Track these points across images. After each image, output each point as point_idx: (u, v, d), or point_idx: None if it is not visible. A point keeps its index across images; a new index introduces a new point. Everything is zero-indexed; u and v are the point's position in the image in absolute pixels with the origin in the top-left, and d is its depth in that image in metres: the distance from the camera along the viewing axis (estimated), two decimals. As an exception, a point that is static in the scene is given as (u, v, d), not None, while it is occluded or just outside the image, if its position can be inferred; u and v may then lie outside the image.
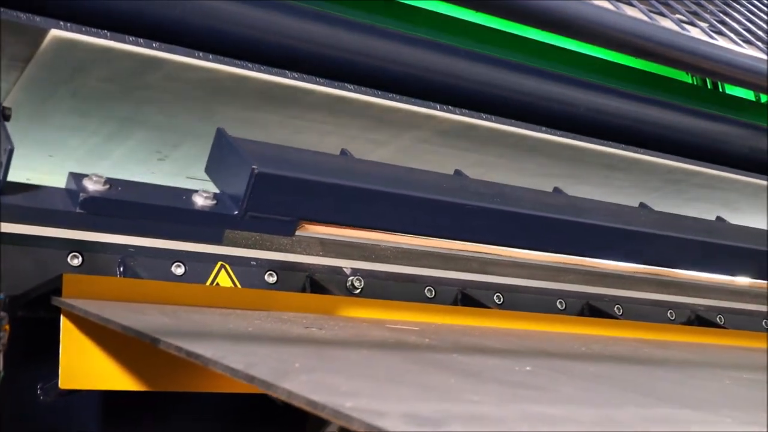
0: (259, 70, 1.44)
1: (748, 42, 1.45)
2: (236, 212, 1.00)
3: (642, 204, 1.44)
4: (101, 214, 0.97)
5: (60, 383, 1.19)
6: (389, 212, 1.07)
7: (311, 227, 1.07)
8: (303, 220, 1.06)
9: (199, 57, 1.38)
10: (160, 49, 1.35)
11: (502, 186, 1.29)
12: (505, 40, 1.82)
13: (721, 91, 2.63)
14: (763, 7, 1.70)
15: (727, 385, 1.22)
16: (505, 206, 1.14)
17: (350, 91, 1.53)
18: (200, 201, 1.01)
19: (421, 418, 0.64)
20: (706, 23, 1.49)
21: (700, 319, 2.34)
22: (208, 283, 1.63)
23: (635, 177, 2.03)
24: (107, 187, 0.97)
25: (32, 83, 1.43)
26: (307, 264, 1.76)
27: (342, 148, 1.27)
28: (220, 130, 1.09)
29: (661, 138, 1.46)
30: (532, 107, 1.33)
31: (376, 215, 1.07)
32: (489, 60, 1.31)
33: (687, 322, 2.33)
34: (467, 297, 1.94)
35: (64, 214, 0.96)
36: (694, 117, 1.50)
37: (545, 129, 1.72)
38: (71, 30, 1.28)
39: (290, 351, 1.01)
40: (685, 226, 1.37)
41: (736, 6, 1.65)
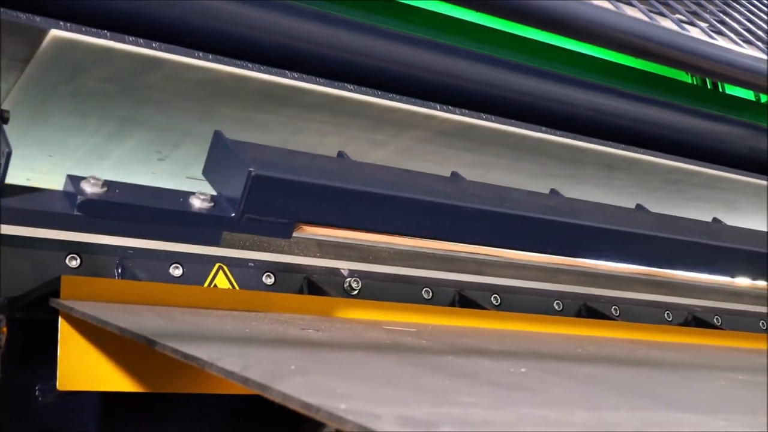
0: (259, 70, 1.45)
1: (748, 42, 1.45)
2: (233, 214, 1.00)
3: (638, 205, 1.44)
4: (99, 217, 0.97)
5: (58, 384, 1.19)
6: (386, 214, 1.07)
7: (308, 228, 1.07)
8: (300, 222, 1.06)
9: (199, 57, 1.38)
10: (160, 49, 1.35)
11: (499, 188, 1.29)
12: (505, 40, 1.82)
13: (721, 91, 2.63)
14: (763, 7, 1.70)
15: (724, 387, 1.22)
16: (501, 208, 1.15)
17: (350, 91, 1.54)
18: (197, 203, 1.02)
19: (415, 420, 0.64)
20: (706, 23, 1.49)
21: (697, 320, 2.34)
22: (206, 284, 1.63)
23: (635, 177, 2.03)
24: (105, 189, 0.97)
25: (32, 83, 1.43)
26: (305, 265, 1.77)
27: (339, 150, 1.27)
28: (218, 132, 1.09)
29: (661, 138, 1.46)
30: (532, 107, 1.33)
31: (372, 217, 1.07)
32: (489, 60, 1.31)
33: (684, 323, 2.33)
34: (464, 298, 1.94)
35: (62, 216, 0.96)
36: (694, 117, 1.50)
37: (545, 129, 1.72)
38: (71, 30, 1.28)
39: (286, 353, 1.01)
40: (681, 228, 1.37)
41: (736, 6, 1.65)
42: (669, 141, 1.47)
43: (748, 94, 2.35)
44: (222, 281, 1.66)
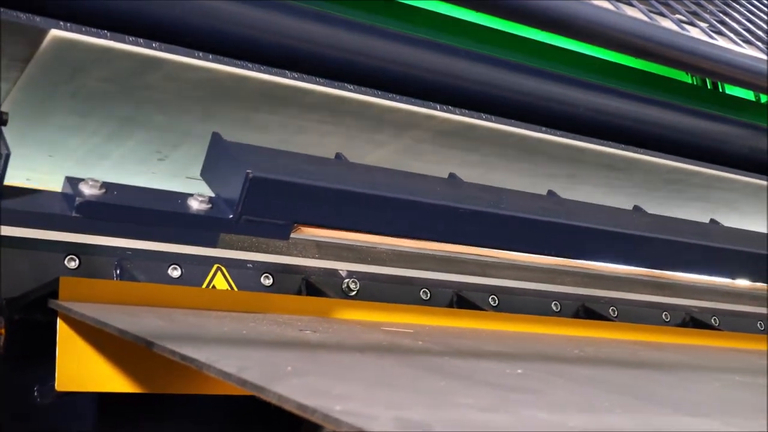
0: (259, 70, 1.45)
1: (748, 42, 1.45)
2: (231, 216, 1.00)
3: (636, 207, 1.44)
4: (97, 218, 0.97)
5: (57, 385, 1.20)
6: (383, 216, 1.07)
7: (307, 230, 1.07)
8: (298, 224, 1.06)
9: (199, 57, 1.38)
10: (160, 49, 1.35)
11: (496, 189, 1.29)
12: (505, 40, 1.82)
13: (721, 91, 2.63)
14: (763, 7, 1.70)
15: (723, 389, 1.22)
16: (498, 210, 1.15)
17: (350, 91, 1.54)
18: (195, 205, 1.02)
19: (410, 422, 0.64)
20: (706, 23, 1.49)
21: (694, 320, 2.34)
22: (205, 285, 1.63)
23: (635, 177, 2.03)
24: (103, 191, 0.97)
25: (32, 83, 1.43)
26: (303, 266, 1.77)
27: (340, 149, 1.27)
28: (216, 134, 1.10)
29: (661, 138, 1.46)
30: (532, 107, 1.33)
31: (370, 219, 1.07)
32: (489, 60, 1.30)
33: (682, 324, 2.33)
34: (462, 299, 1.94)
35: (61, 218, 0.96)
36: (694, 117, 1.49)
37: (545, 129, 1.72)
38: (71, 30, 1.28)
39: (284, 354, 1.02)
40: (678, 229, 1.37)
41: (736, 6, 1.65)
42: (669, 141, 1.47)
43: (748, 94, 2.35)
44: (220, 282, 1.66)
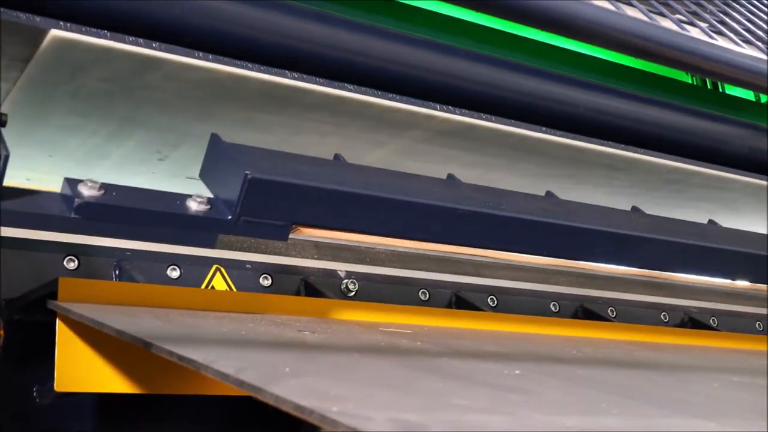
0: (259, 70, 1.45)
1: (748, 42, 1.45)
2: (230, 217, 1.00)
3: (634, 207, 1.44)
4: (96, 219, 0.97)
5: (56, 386, 1.20)
6: (381, 217, 1.07)
7: (306, 230, 1.07)
8: (296, 225, 1.06)
9: (199, 57, 1.38)
10: (160, 49, 1.35)
11: (494, 190, 1.29)
12: (505, 40, 1.82)
13: (721, 91, 2.63)
14: (763, 7, 1.70)
15: (721, 389, 1.22)
16: (496, 210, 1.15)
17: (350, 91, 1.53)
18: (194, 206, 1.02)
19: (407, 423, 0.64)
20: (706, 23, 1.49)
21: (693, 321, 2.34)
22: (204, 286, 1.63)
23: (635, 177, 2.03)
24: (102, 192, 0.97)
25: (32, 83, 1.43)
26: (302, 267, 1.77)
27: (340, 149, 1.27)
28: (214, 135, 1.10)
29: (660, 138, 1.46)
30: (532, 107, 1.33)
31: (368, 220, 1.07)
32: (489, 60, 1.30)
33: (680, 325, 2.33)
34: (461, 300, 1.94)
35: (60, 219, 0.96)
36: (694, 117, 1.49)
37: (545, 129, 1.72)
38: (71, 30, 1.28)
39: (282, 355, 1.02)
40: (676, 230, 1.37)
41: (736, 6, 1.65)
42: (669, 141, 1.47)
43: (748, 94, 2.35)
44: (219, 283, 1.66)
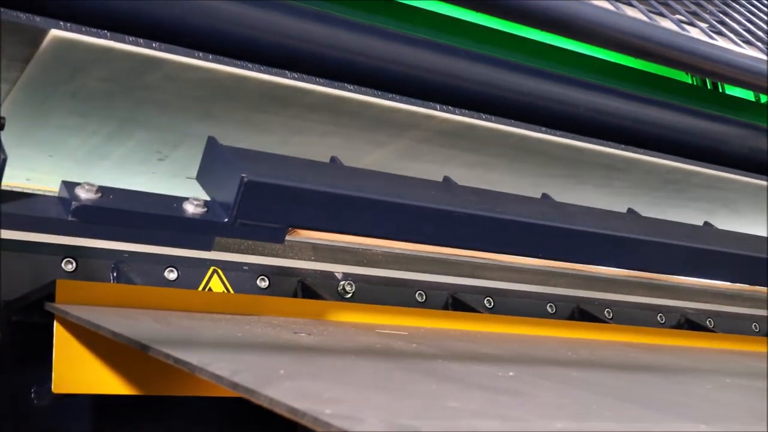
0: (259, 70, 1.45)
1: (748, 42, 1.45)
2: (226, 220, 1.00)
3: (630, 209, 1.44)
4: (93, 222, 0.97)
5: (53, 387, 1.20)
6: (377, 219, 1.07)
7: (303, 232, 1.07)
8: (292, 227, 1.07)
9: (199, 57, 1.38)
10: (160, 49, 1.35)
11: (490, 192, 1.29)
12: (505, 40, 1.82)
13: (721, 91, 2.63)
14: (763, 7, 1.70)
15: (717, 392, 1.22)
16: (492, 213, 1.15)
17: (350, 91, 1.53)
18: (191, 209, 1.02)
19: (399, 425, 0.64)
20: (705, 23, 1.49)
21: (689, 322, 2.34)
22: (201, 288, 1.63)
23: (635, 177, 2.03)
24: (99, 195, 0.97)
25: (32, 83, 1.43)
26: (299, 269, 1.77)
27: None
28: (211, 138, 1.10)
29: (660, 138, 1.46)
30: (532, 107, 1.33)
31: (364, 222, 1.07)
32: (489, 60, 1.30)
33: (677, 326, 2.34)
34: (458, 301, 1.95)
35: (57, 221, 0.96)
36: (694, 117, 1.49)
37: (545, 129, 1.72)
38: (71, 30, 1.28)
39: (277, 357, 1.02)
40: (671, 232, 1.37)
41: (736, 6, 1.65)
42: (669, 141, 1.47)
43: (748, 95, 2.35)
44: (216, 285, 1.66)
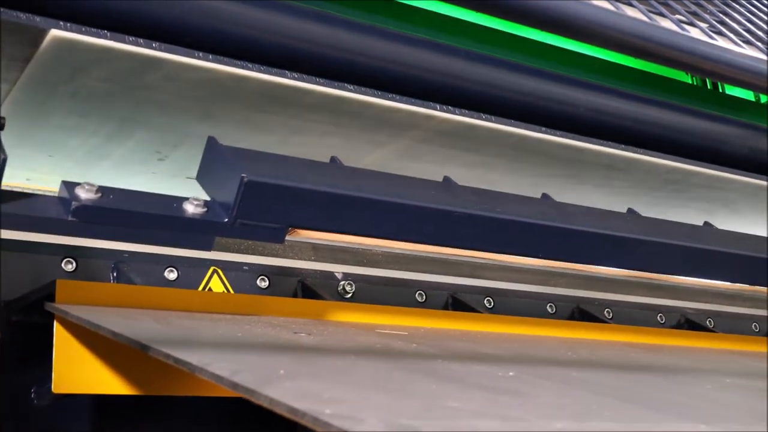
0: (259, 70, 1.45)
1: (748, 42, 1.45)
2: (226, 220, 1.00)
3: (630, 209, 1.44)
4: (93, 222, 0.97)
5: (53, 387, 1.20)
6: (377, 219, 1.08)
7: (303, 232, 1.07)
8: (292, 227, 1.07)
9: (199, 57, 1.38)
10: (160, 49, 1.35)
11: (490, 192, 1.29)
12: (505, 40, 1.82)
13: (721, 91, 2.63)
14: (763, 8, 1.70)
15: (717, 392, 1.22)
16: (492, 213, 1.15)
17: (350, 91, 1.53)
18: (191, 209, 1.02)
19: (399, 425, 0.64)
20: (705, 23, 1.49)
21: (689, 322, 2.34)
22: (201, 288, 1.63)
23: (635, 177, 2.03)
24: (99, 195, 0.97)
25: (32, 83, 1.43)
26: (299, 269, 1.77)
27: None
28: (211, 138, 1.10)
29: (660, 138, 1.46)
30: (532, 107, 1.33)
31: (364, 222, 1.07)
32: (489, 60, 1.30)
33: (677, 326, 2.34)
34: (458, 301, 1.95)
35: (57, 221, 0.96)
36: (694, 117, 1.49)
37: (545, 129, 1.72)
38: (71, 30, 1.28)
39: (277, 357, 1.02)
40: (671, 232, 1.37)
41: (736, 6, 1.65)
42: (668, 141, 1.47)
43: (748, 95, 2.35)
44: (216, 285, 1.66)
